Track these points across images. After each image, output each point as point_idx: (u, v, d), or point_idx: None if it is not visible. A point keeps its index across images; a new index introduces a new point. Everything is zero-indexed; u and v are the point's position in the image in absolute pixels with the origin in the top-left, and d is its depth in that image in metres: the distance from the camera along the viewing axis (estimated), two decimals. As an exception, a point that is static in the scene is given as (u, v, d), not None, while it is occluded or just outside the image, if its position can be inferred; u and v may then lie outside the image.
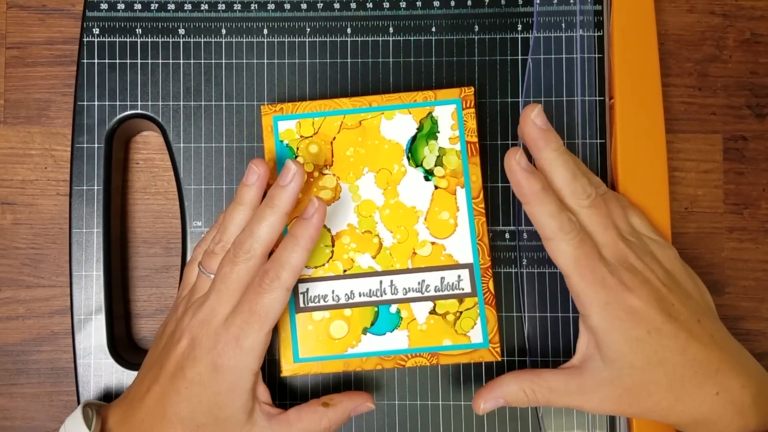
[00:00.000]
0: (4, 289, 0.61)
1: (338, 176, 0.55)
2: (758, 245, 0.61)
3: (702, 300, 0.53)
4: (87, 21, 0.58)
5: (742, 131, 0.62)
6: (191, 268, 0.55)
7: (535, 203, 0.50)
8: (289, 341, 0.54)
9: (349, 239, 0.55)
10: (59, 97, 0.61)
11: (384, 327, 0.54)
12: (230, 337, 0.49)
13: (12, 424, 0.60)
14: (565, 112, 0.58)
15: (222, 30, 0.58)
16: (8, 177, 0.61)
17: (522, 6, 0.59)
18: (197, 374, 0.49)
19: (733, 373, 0.50)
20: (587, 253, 0.50)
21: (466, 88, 0.55)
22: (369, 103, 0.55)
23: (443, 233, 0.55)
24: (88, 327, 0.57)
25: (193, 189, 0.58)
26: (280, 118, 0.56)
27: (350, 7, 0.59)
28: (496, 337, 0.54)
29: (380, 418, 0.57)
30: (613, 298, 0.49)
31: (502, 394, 0.52)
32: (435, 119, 0.55)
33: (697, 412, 0.50)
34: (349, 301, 0.54)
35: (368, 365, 0.54)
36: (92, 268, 0.57)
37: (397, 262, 0.55)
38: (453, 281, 0.55)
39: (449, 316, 0.55)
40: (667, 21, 0.62)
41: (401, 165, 0.55)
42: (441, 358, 0.54)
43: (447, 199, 0.55)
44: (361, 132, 0.55)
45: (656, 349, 0.49)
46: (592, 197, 0.51)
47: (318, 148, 0.55)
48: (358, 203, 0.55)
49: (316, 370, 0.54)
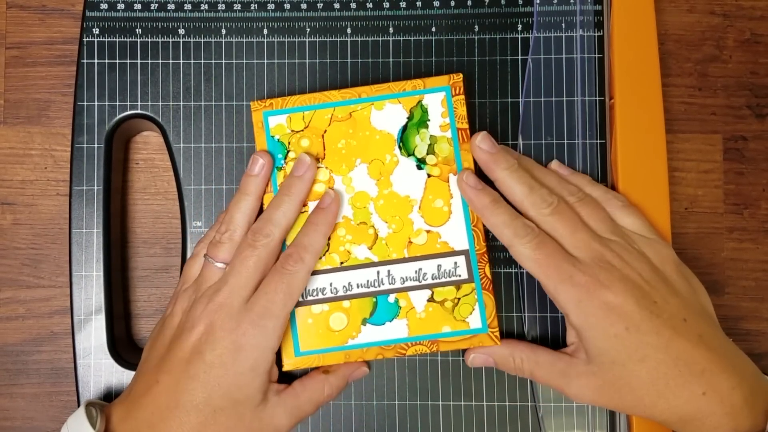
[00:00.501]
0: (4, 289, 0.61)
1: (331, 169, 0.55)
2: (758, 245, 0.61)
3: (693, 299, 0.53)
4: (87, 21, 0.58)
5: (742, 131, 0.62)
6: (193, 262, 0.56)
7: (488, 215, 0.53)
8: (290, 335, 0.54)
9: (344, 231, 0.55)
10: (59, 97, 0.61)
11: (383, 317, 0.55)
12: (254, 316, 0.50)
13: (12, 424, 0.60)
14: (565, 112, 0.58)
15: (222, 30, 0.58)
16: (8, 177, 0.61)
17: (522, 6, 0.59)
18: (217, 356, 0.50)
19: (722, 373, 0.50)
20: (548, 254, 0.51)
21: (454, 75, 0.55)
22: (358, 95, 0.55)
23: (438, 221, 0.55)
24: (88, 327, 0.57)
25: (193, 189, 0.58)
26: (270, 113, 0.56)
27: (350, 7, 0.59)
28: (494, 322, 0.55)
29: (380, 418, 0.57)
30: (586, 295, 0.50)
31: (492, 353, 0.55)
32: (425, 107, 0.55)
33: (683, 411, 0.50)
34: (347, 293, 0.55)
35: (369, 356, 0.55)
36: (92, 268, 0.57)
37: (393, 251, 0.55)
38: (449, 268, 0.55)
39: (447, 303, 0.55)
40: (667, 21, 0.62)
41: (393, 155, 0.55)
42: (441, 345, 0.55)
43: (440, 186, 0.55)
44: (351, 124, 0.55)
45: (637, 346, 0.49)
46: (553, 205, 0.53)
47: (309, 142, 0.55)
48: (351, 195, 0.55)
49: (317, 363, 0.54)
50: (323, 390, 0.54)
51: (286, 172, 0.55)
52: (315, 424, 0.57)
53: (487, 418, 0.57)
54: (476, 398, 0.57)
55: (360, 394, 0.57)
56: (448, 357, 0.57)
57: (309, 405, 0.54)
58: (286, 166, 0.55)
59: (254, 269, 0.52)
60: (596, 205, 0.55)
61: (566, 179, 0.56)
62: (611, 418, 0.57)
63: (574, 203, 0.54)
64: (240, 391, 0.50)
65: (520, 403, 0.57)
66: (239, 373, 0.50)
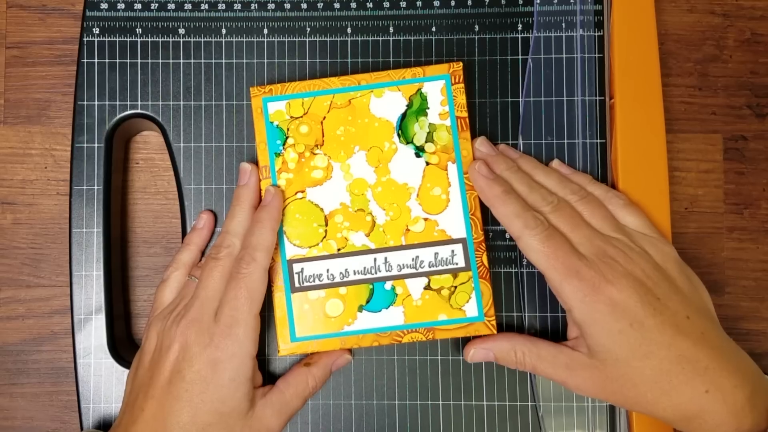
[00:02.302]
0: (4, 289, 0.61)
1: (329, 156, 0.55)
2: (758, 245, 0.61)
3: (695, 297, 0.53)
4: (87, 21, 0.58)
5: (742, 131, 0.62)
6: (165, 287, 0.56)
7: (499, 205, 0.53)
8: (286, 321, 0.54)
9: (342, 218, 0.55)
10: (59, 97, 0.61)
11: (379, 304, 0.55)
12: (223, 327, 0.50)
13: (12, 424, 0.60)
14: (565, 111, 0.58)
15: (222, 30, 0.58)
16: (8, 177, 0.61)
17: (522, 6, 0.59)
18: (196, 372, 0.50)
19: (724, 372, 0.49)
20: (557, 247, 0.51)
21: (454, 63, 0.56)
22: (358, 82, 0.56)
23: (436, 209, 0.55)
24: (89, 327, 0.57)
25: (193, 189, 0.58)
26: (269, 99, 0.56)
27: (350, 6, 0.59)
28: (491, 311, 0.55)
29: (380, 418, 0.57)
30: (591, 290, 0.50)
31: (493, 348, 0.54)
32: (424, 95, 0.55)
33: (685, 409, 0.50)
34: (343, 280, 0.55)
35: (365, 342, 0.55)
36: (92, 268, 0.57)
37: (391, 239, 0.55)
38: (447, 256, 0.55)
39: (444, 291, 0.55)
40: (668, 21, 0.62)
41: (392, 142, 0.55)
42: (437, 333, 0.55)
43: (438, 174, 0.55)
44: (350, 111, 0.56)
45: (641, 342, 0.49)
46: (553, 204, 0.53)
47: (308, 128, 0.55)
48: (350, 182, 0.55)
49: (313, 348, 0.55)
50: (307, 383, 0.55)
51: (284, 158, 0.55)
52: (315, 425, 0.57)
53: (487, 417, 0.57)
54: (476, 397, 0.57)
55: (360, 394, 0.57)
56: (448, 356, 0.57)
57: (296, 400, 0.54)
58: (285, 152, 0.55)
59: (220, 280, 0.52)
60: (598, 203, 0.55)
61: (568, 178, 0.56)
62: (611, 417, 0.57)
63: (576, 202, 0.54)
64: (225, 404, 0.50)
65: (520, 403, 0.57)
66: (220, 386, 0.50)
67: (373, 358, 0.57)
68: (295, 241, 0.55)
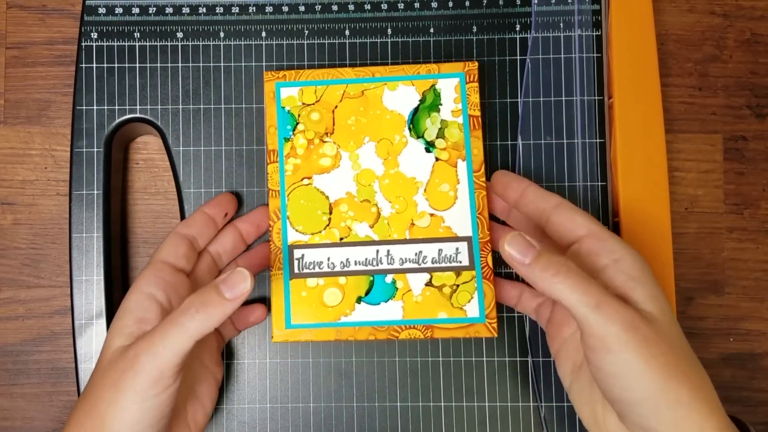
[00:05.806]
0: (4, 289, 0.61)
1: (339, 144, 0.55)
2: (758, 245, 0.61)
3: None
4: (85, 25, 0.58)
5: (742, 131, 0.62)
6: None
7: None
8: (282, 307, 0.54)
9: (347, 207, 0.55)
10: (59, 98, 0.61)
11: (379, 297, 0.54)
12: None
13: (12, 424, 0.61)
14: (564, 111, 0.58)
15: (220, 33, 0.58)
16: (8, 177, 0.61)
17: (520, 6, 0.59)
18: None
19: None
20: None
21: (470, 62, 0.56)
22: (372, 74, 0.56)
23: (443, 205, 0.55)
24: (89, 331, 0.57)
25: (193, 192, 0.58)
26: (282, 84, 0.56)
27: (348, 9, 0.59)
28: (492, 313, 0.54)
29: (381, 420, 0.57)
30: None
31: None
32: (438, 92, 0.56)
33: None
34: (344, 269, 0.54)
35: (361, 335, 0.54)
36: (92, 272, 0.57)
37: (395, 232, 0.55)
38: (451, 254, 0.55)
39: (446, 288, 0.54)
40: (667, 21, 0.62)
41: (402, 135, 0.55)
42: (436, 331, 0.54)
43: (447, 171, 0.55)
44: (363, 102, 0.56)
45: None
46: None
47: (319, 116, 0.56)
48: (357, 172, 0.55)
49: (308, 337, 0.54)
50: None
51: (293, 144, 0.55)
52: (317, 425, 0.57)
53: (489, 419, 0.57)
54: (478, 399, 0.57)
55: (362, 396, 0.57)
56: (449, 358, 0.57)
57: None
58: (294, 138, 0.55)
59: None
60: None
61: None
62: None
63: None
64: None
65: (522, 404, 0.57)
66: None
67: (374, 360, 0.57)
68: (297, 227, 0.55)
